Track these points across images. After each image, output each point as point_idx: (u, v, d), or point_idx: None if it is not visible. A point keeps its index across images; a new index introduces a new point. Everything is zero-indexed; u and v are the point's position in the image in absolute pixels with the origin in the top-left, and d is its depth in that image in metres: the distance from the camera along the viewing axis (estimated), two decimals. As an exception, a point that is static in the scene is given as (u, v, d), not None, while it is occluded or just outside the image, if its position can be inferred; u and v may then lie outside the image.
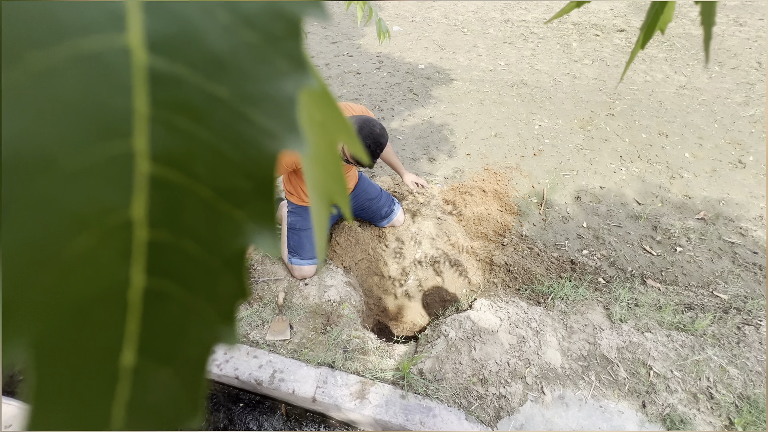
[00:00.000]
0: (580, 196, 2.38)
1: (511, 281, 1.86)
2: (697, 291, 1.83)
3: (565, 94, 3.42)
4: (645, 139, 2.85)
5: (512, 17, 4.98)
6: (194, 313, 0.10)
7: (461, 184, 2.40)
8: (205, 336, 0.10)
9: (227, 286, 0.10)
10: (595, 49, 4.19)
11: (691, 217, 2.24)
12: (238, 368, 1.43)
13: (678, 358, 1.47)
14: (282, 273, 1.83)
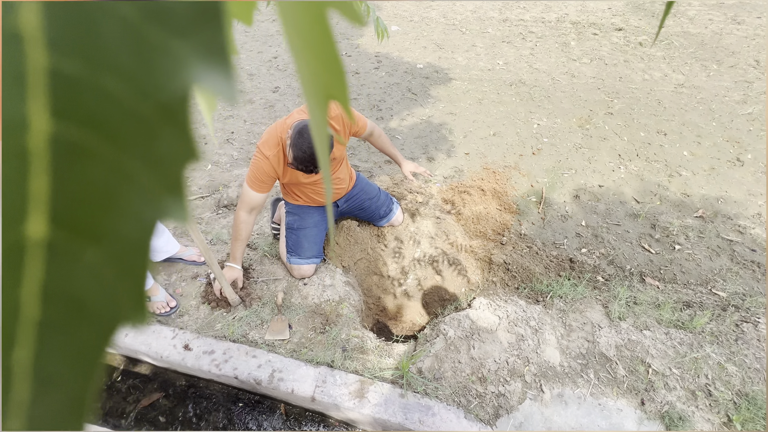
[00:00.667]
0: (579, 194, 2.38)
1: (510, 280, 1.86)
2: (696, 289, 1.83)
3: (564, 92, 3.42)
4: (643, 138, 2.86)
5: (510, 16, 4.98)
6: (126, 177, 0.08)
7: (460, 183, 2.40)
8: (144, 209, 0.08)
9: (168, 142, 0.08)
10: (594, 47, 4.20)
11: (690, 215, 2.25)
12: (237, 368, 1.43)
13: (676, 355, 1.47)
14: (281, 273, 1.83)
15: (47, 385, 0.08)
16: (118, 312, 0.09)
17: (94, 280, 0.08)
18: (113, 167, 0.08)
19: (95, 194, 0.07)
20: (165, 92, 0.08)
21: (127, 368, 1.63)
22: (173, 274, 1.78)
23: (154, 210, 0.08)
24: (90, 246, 0.08)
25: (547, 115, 3.12)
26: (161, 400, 1.55)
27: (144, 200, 0.08)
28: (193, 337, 1.52)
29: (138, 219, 0.08)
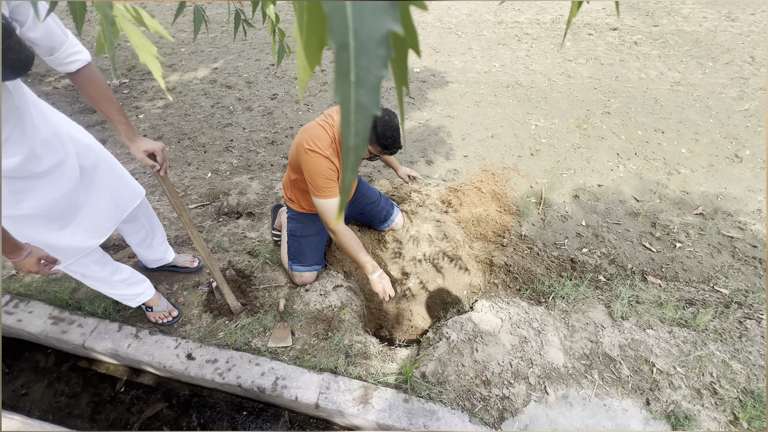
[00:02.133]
0: (579, 194, 2.39)
1: (511, 281, 1.86)
2: (698, 286, 1.83)
3: (561, 93, 3.43)
4: (641, 136, 2.87)
5: (506, 19, 5.02)
6: (371, 62, 0.20)
7: (459, 185, 2.41)
8: (377, 73, 0.20)
9: (382, 51, 0.20)
10: (589, 48, 4.22)
11: (690, 212, 2.25)
12: (240, 376, 1.42)
13: (680, 354, 1.47)
14: (283, 280, 1.83)
15: (358, 132, 0.21)
16: (372, 108, 0.21)
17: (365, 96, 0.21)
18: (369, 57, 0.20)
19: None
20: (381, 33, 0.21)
21: (130, 379, 1.63)
22: (175, 284, 1.78)
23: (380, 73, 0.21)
24: (364, 85, 0.21)
25: (544, 116, 3.13)
26: (165, 411, 1.54)
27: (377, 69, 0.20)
28: (195, 346, 1.52)
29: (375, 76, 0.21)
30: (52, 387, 1.61)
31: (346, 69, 0.19)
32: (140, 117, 3.17)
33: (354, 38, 0.19)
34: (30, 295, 1.69)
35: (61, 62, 1.06)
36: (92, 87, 1.12)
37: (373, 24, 0.19)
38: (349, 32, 0.19)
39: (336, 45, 0.19)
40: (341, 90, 0.20)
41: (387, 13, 0.19)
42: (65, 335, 1.55)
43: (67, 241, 1.21)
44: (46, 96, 3.35)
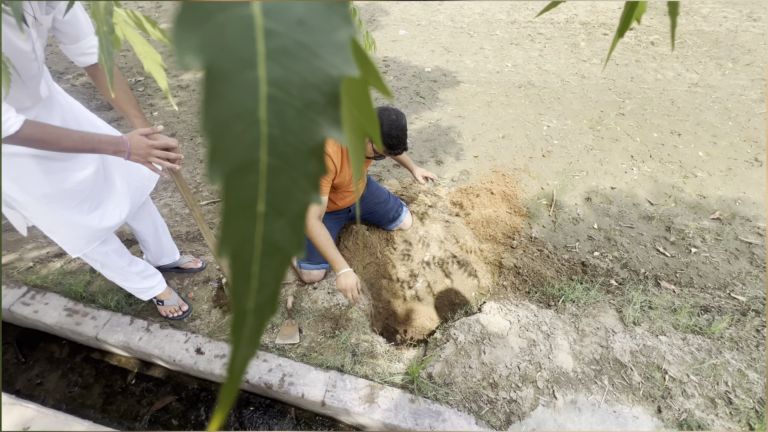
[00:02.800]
0: (591, 197, 2.35)
1: (520, 284, 1.84)
2: (714, 293, 1.78)
3: (574, 94, 3.38)
4: (657, 138, 2.81)
5: (519, 18, 4.96)
6: (296, 182, 0.15)
7: (469, 186, 2.39)
8: (303, 198, 0.15)
9: (313, 166, 0.15)
10: (604, 48, 4.14)
11: (706, 217, 2.19)
12: (248, 372, 1.44)
13: (694, 361, 1.43)
14: (291, 277, 1.85)
15: (263, 287, 0.15)
16: (291, 249, 0.15)
17: (282, 234, 0.15)
18: (291, 178, 0.15)
19: (283, 191, 0.15)
20: (313, 142, 0.15)
21: (141, 371, 1.66)
22: (185, 279, 1.81)
23: (308, 199, 0.15)
24: (281, 217, 0.15)
25: (557, 117, 3.09)
26: (174, 404, 1.57)
27: (303, 194, 0.15)
28: (205, 341, 1.54)
29: (300, 203, 0.15)
30: (66, 377, 1.65)
31: (249, 198, 0.14)
32: (154, 114, 3.22)
33: (269, 151, 0.14)
34: (46, 287, 1.73)
35: (83, 52, 1.09)
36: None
37: (301, 129, 0.14)
38: (260, 143, 0.14)
39: (228, 168, 0.14)
40: (236, 229, 0.14)
41: (324, 112, 0.14)
42: (79, 327, 1.59)
43: (96, 223, 1.26)
44: (64, 93, 3.42)
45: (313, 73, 0.14)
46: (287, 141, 0.14)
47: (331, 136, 0.14)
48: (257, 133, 0.14)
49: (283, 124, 0.14)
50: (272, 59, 0.13)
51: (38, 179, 1.12)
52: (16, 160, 1.07)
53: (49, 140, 0.96)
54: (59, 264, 1.84)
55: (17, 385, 1.62)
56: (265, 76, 0.13)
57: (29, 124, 0.92)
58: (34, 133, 0.93)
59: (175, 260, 1.78)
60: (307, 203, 0.15)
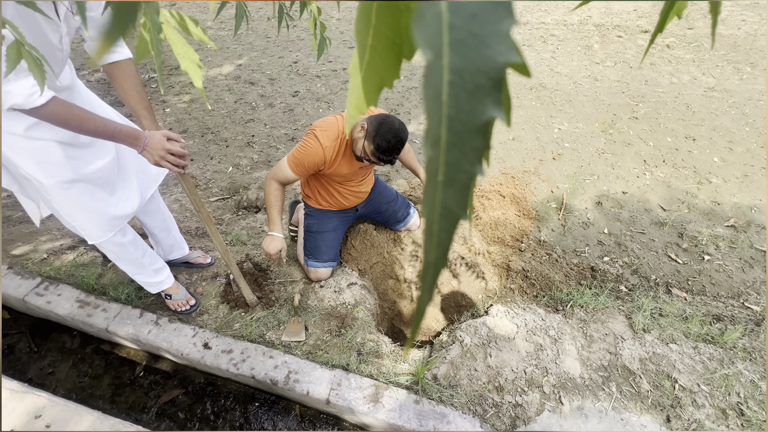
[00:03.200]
0: (602, 201, 2.32)
1: (528, 287, 1.83)
2: (727, 302, 1.75)
3: (586, 96, 3.34)
4: (670, 143, 2.76)
5: (531, 19, 4.92)
6: (465, 156, 0.17)
7: (478, 188, 2.38)
8: (470, 169, 0.17)
9: (479, 142, 0.16)
10: (618, 50, 4.09)
11: (720, 224, 2.15)
12: (254, 367, 1.45)
13: (705, 371, 1.41)
14: (298, 275, 1.85)
15: (440, 244, 0.18)
16: (458, 213, 0.17)
17: (452, 200, 0.17)
18: (462, 151, 0.17)
19: (455, 163, 0.17)
20: (480, 121, 0.16)
21: (149, 364, 1.68)
22: (194, 274, 1.83)
23: (473, 171, 0.17)
24: (451, 187, 0.17)
25: (568, 120, 3.05)
26: (181, 397, 1.59)
27: (470, 166, 0.17)
28: (212, 336, 1.55)
29: (467, 174, 0.17)
30: (76, 367, 1.68)
31: (435, 168, 0.17)
32: (167, 111, 3.26)
33: (448, 129, 0.16)
34: (59, 278, 1.77)
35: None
36: (128, 81, 1.17)
37: (471, 109, 0.16)
38: (442, 122, 0.16)
39: (431, 141, 0.16)
40: (428, 194, 0.17)
41: (489, 94, 0.16)
42: (90, 318, 1.61)
43: (112, 211, 1.30)
44: (80, 88, 3.49)
45: (483, 60, 0.16)
46: (461, 120, 0.16)
47: (496, 116, 0.16)
48: (440, 113, 0.16)
49: (458, 106, 0.16)
50: (453, 49, 0.16)
51: (61, 164, 1.15)
52: (42, 145, 1.10)
53: (72, 119, 1.00)
54: (72, 256, 1.88)
55: (29, 374, 1.65)
56: (448, 64, 0.16)
57: (56, 101, 0.97)
58: (59, 111, 0.97)
59: (185, 254, 1.80)
60: (473, 174, 0.17)
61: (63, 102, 0.99)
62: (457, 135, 0.16)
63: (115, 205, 1.31)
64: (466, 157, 0.16)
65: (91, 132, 1.05)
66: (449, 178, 0.17)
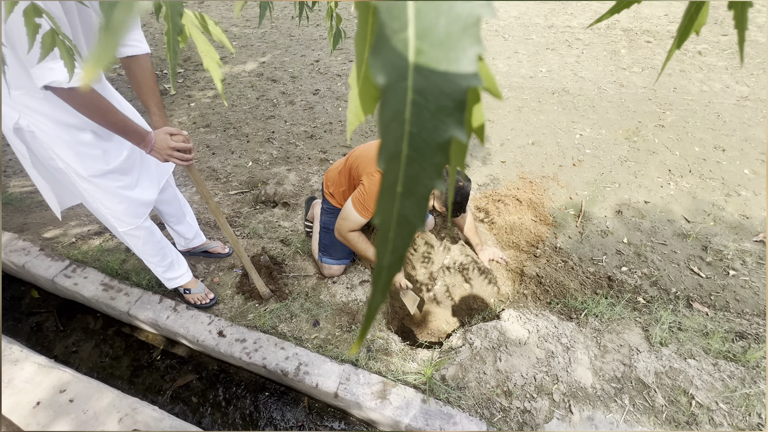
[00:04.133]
0: (622, 210, 2.27)
1: (542, 294, 1.80)
2: (751, 319, 1.68)
3: (611, 102, 3.27)
4: (698, 153, 2.67)
5: (557, 23, 4.84)
6: (424, 170, 0.17)
7: (494, 191, 2.36)
8: (428, 183, 0.18)
9: (439, 158, 0.17)
10: (646, 56, 3.98)
11: (748, 238, 2.07)
12: (266, 357, 1.48)
13: (725, 389, 1.36)
14: (312, 270, 1.89)
15: (395, 250, 0.19)
16: (416, 223, 0.18)
17: (410, 210, 0.18)
18: (421, 167, 0.17)
19: (414, 177, 0.18)
20: (441, 139, 0.17)
21: (166, 348, 1.74)
22: (212, 264, 1.88)
23: (431, 184, 0.18)
24: (410, 197, 0.18)
25: (590, 126, 2.99)
26: (195, 382, 1.64)
27: (428, 180, 0.18)
28: (227, 325, 1.60)
29: (425, 189, 0.18)
30: (98, 348, 1.76)
31: (394, 180, 0.17)
32: (191, 105, 3.36)
33: (409, 145, 0.17)
34: (86, 262, 1.85)
35: (126, 42, 1.17)
36: (143, 76, 1.21)
37: (433, 128, 0.17)
38: (404, 138, 0.17)
39: (386, 156, 0.17)
40: (384, 204, 0.18)
41: (452, 115, 0.17)
42: (113, 302, 1.68)
43: (138, 196, 1.36)
44: (111, 81, 3.64)
45: (447, 83, 0.17)
46: (422, 137, 0.17)
47: (457, 136, 0.17)
48: (402, 130, 0.17)
49: (420, 124, 0.17)
50: (418, 72, 0.17)
51: (97, 155, 1.22)
52: (79, 135, 1.16)
53: (100, 108, 1.06)
54: (98, 242, 1.96)
55: (55, 351, 1.74)
56: (412, 86, 0.17)
57: (92, 90, 1.03)
58: (92, 98, 1.03)
59: (203, 242, 1.85)
60: (431, 187, 0.18)
61: (95, 90, 1.05)
62: (419, 151, 0.17)
63: (141, 192, 1.37)
64: (425, 172, 0.17)
65: (110, 125, 1.10)
66: (408, 190, 0.17)
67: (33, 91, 1.06)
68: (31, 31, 0.56)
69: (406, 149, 0.17)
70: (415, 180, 0.17)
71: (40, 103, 1.08)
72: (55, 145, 1.15)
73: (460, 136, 0.17)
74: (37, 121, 1.11)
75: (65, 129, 1.14)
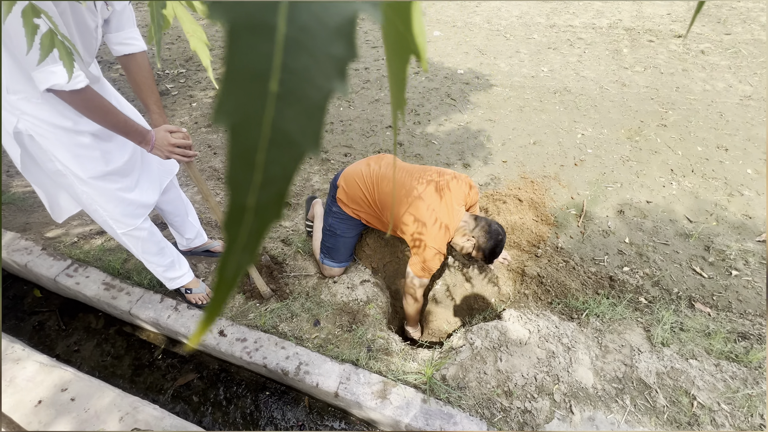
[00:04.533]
0: (624, 209, 2.26)
1: (543, 294, 1.80)
2: (754, 320, 1.67)
3: (613, 102, 3.25)
4: (701, 153, 2.66)
5: (558, 22, 4.82)
6: (318, 65, 0.12)
7: (495, 191, 2.35)
8: (325, 85, 0.13)
9: (340, 49, 0.12)
10: (649, 55, 3.96)
11: (751, 238, 2.06)
12: (266, 357, 1.49)
13: (727, 390, 1.35)
14: (312, 269, 1.89)
15: (268, 183, 0.13)
16: (304, 144, 0.13)
17: (295, 124, 0.13)
18: (313, 58, 0.12)
19: (302, 72, 0.12)
20: (339, 18, 0.13)
21: (167, 348, 1.75)
22: (213, 263, 1.89)
23: (330, 87, 0.13)
24: (295, 104, 0.12)
25: (592, 125, 2.98)
26: (196, 381, 1.64)
27: (325, 80, 0.13)
28: (227, 324, 1.60)
29: (321, 90, 0.13)
30: (100, 347, 1.76)
31: (260, 68, 0.12)
32: (193, 105, 3.37)
33: (287, 19, 0.12)
34: (88, 261, 1.86)
35: (122, 41, 1.18)
36: (140, 74, 1.22)
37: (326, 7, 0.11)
38: (278, 7, 0.12)
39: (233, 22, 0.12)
40: (234, 101, 0.12)
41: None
42: (115, 301, 1.69)
43: (138, 197, 1.36)
44: (113, 81, 3.65)
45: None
46: (311, 10, 0.12)
47: (365, 10, 0.12)
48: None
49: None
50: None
51: (95, 156, 1.22)
52: (78, 138, 1.17)
53: (101, 109, 1.06)
54: (100, 241, 1.97)
55: (57, 350, 1.75)
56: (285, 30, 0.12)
57: (91, 89, 1.03)
58: (93, 99, 1.03)
59: (205, 241, 1.86)
60: (329, 91, 0.12)
61: (95, 92, 1.05)
62: (305, 31, 0.12)
63: (140, 194, 1.37)
64: (319, 67, 0.12)
65: (112, 125, 1.11)
66: (290, 92, 0.12)
67: (31, 96, 1.07)
68: (30, 32, 0.56)
69: (283, 26, 0.11)
70: (304, 78, 0.12)
71: (39, 107, 1.09)
72: (54, 148, 1.15)
73: (373, 13, 0.12)
74: (36, 125, 1.11)
75: (63, 132, 1.14)
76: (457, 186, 1.62)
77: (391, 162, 1.71)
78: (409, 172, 1.67)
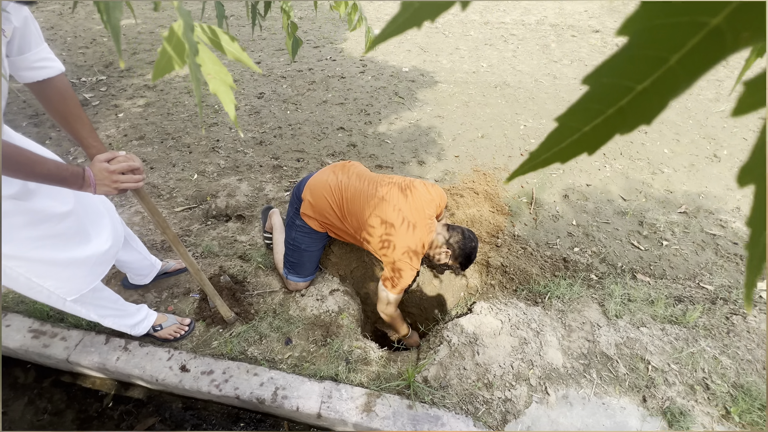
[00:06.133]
0: (568, 194, 2.43)
1: (508, 282, 1.88)
2: (685, 283, 1.89)
3: (547, 94, 3.49)
4: (626, 137, 2.94)
5: (491, 19, 5.06)
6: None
7: (452, 186, 2.41)
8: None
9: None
10: (573, 49, 4.30)
11: (674, 211, 2.32)
12: (238, 387, 1.38)
13: (674, 351, 1.51)
14: (277, 285, 1.79)
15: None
16: None
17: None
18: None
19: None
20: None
21: (118, 393, 1.55)
22: (164, 292, 1.71)
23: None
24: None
25: (532, 117, 3.17)
26: (157, 425, 1.48)
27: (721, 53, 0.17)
28: (189, 357, 1.46)
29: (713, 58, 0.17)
30: (33, 404, 1.52)
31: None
32: (120, 116, 3.03)
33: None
34: (6, 307, 1.59)
35: (30, 65, 0.95)
36: (63, 102, 1.00)
37: None
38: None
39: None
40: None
41: None
42: (47, 349, 1.46)
43: (93, 257, 1.16)
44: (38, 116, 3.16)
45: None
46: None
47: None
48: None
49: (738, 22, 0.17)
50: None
51: (20, 222, 0.99)
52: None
53: (24, 164, 0.85)
54: (20, 281, 1.69)
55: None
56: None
57: (7, 144, 0.82)
58: (11, 154, 0.82)
59: (157, 269, 1.68)
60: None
61: (12, 144, 0.83)
62: None
63: (95, 251, 1.16)
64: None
65: (42, 177, 0.89)
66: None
67: None
68: None
69: None
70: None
71: None
72: None
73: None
74: None
75: None
76: (423, 188, 1.62)
77: (361, 172, 1.68)
78: (372, 177, 1.65)
